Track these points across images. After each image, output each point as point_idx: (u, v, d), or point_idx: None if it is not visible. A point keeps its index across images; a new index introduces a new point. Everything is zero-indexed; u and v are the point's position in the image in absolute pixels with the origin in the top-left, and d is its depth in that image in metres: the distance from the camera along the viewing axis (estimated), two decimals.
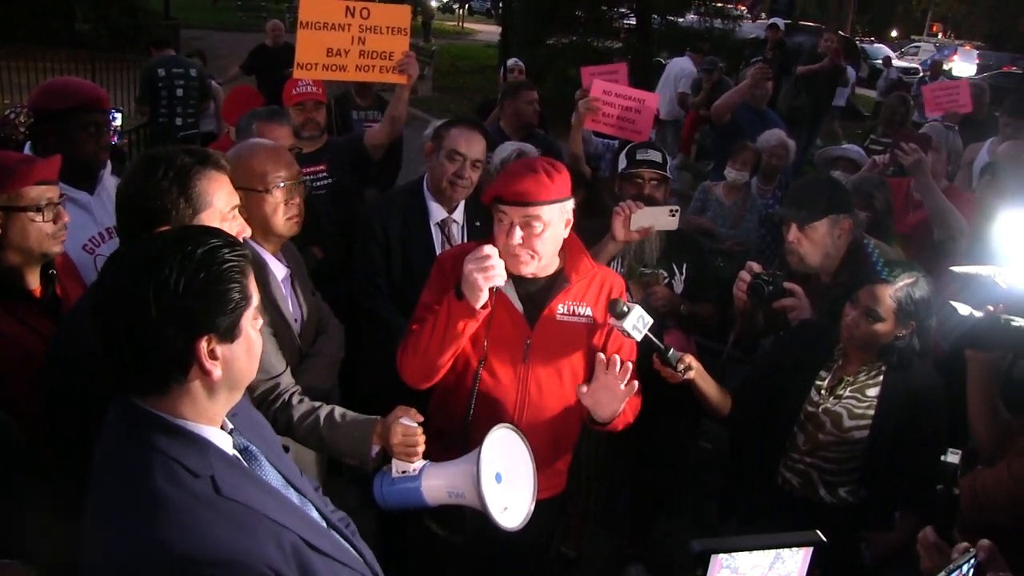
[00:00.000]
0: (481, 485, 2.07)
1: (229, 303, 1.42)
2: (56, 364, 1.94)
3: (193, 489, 1.37)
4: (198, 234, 1.46)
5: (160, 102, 7.25)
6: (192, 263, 1.38)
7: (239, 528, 1.37)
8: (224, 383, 1.46)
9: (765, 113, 6.39)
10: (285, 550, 1.42)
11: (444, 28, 33.59)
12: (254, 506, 1.42)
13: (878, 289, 2.60)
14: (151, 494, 1.34)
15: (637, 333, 2.39)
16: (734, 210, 5.23)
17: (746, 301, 3.05)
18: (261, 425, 1.77)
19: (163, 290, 1.35)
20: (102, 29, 18.24)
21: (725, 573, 1.67)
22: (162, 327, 1.36)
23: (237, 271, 1.44)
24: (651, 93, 4.26)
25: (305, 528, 1.53)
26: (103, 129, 3.02)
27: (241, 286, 1.44)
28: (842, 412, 2.70)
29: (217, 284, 1.40)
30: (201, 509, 1.35)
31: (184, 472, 1.38)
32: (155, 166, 1.96)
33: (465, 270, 2.28)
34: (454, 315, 2.32)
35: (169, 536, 1.30)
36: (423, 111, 14.59)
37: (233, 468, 1.48)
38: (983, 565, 1.76)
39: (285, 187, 2.53)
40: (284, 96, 4.44)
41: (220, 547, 1.32)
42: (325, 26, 3.87)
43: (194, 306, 1.38)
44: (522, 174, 2.35)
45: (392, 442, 2.24)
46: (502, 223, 2.38)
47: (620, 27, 17.30)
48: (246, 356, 1.50)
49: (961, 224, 3.91)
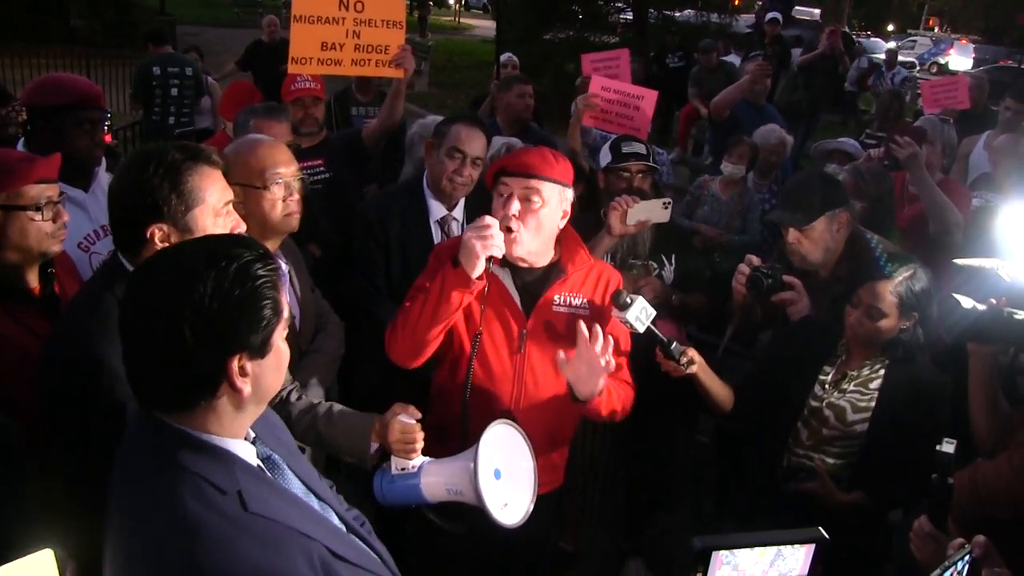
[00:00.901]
0: (479, 483, 2.07)
1: (263, 320, 1.39)
2: (53, 365, 1.93)
3: (222, 507, 1.34)
4: (229, 246, 1.41)
5: (154, 100, 7.21)
6: (227, 279, 1.34)
7: (268, 546, 1.34)
8: (252, 398, 1.44)
9: (764, 108, 6.38)
10: (315, 565, 1.40)
11: (440, 23, 33.54)
12: (280, 520, 1.40)
13: (878, 286, 2.60)
14: (182, 517, 1.31)
15: (640, 324, 2.39)
16: (730, 205, 5.22)
17: (745, 294, 3.05)
18: (279, 428, 1.75)
19: (198, 309, 1.32)
20: (97, 25, 18.20)
21: (726, 570, 1.67)
22: (196, 347, 1.32)
23: (270, 285, 1.40)
24: (649, 89, 4.24)
25: (329, 537, 1.51)
26: (98, 126, 3.01)
27: (274, 301, 1.41)
28: (846, 406, 2.70)
29: (252, 301, 1.37)
30: (231, 529, 1.32)
31: (212, 490, 1.35)
32: (146, 162, 1.95)
33: (464, 237, 2.27)
34: (448, 284, 2.29)
35: (203, 559, 1.27)
36: (419, 107, 14.56)
37: (259, 482, 1.45)
38: (979, 561, 1.76)
39: (283, 183, 2.52)
40: (283, 92, 4.43)
41: (251, 568, 1.30)
42: (319, 20, 3.86)
43: (228, 324, 1.35)
44: (529, 151, 2.42)
45: (390, 440, 2.23)
46: (502, 196, 2.39)
47: (616, 22, 17.29)
48: (275, 371, 1.47)
49: (956, 218, 3.91)
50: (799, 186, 3.20)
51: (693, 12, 17.08)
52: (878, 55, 16.67)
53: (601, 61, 4.99)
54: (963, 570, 1.75)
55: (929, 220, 3.97)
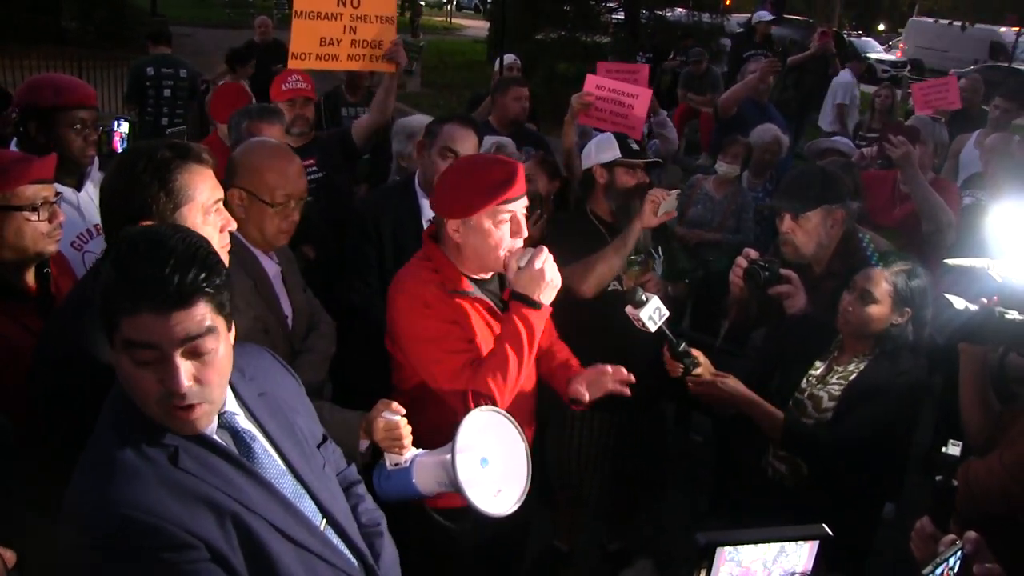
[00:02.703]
0: (457, 474, 2.02)
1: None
2: (45, 362, 1.92)
3: (148, 454, 1.46)
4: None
5: (147, 101, 7.18)
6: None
7: (178, 497, 1.44)
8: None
9: (767, 107, 6.37)
10: (227, 528, 1.48)
11: (432, 24, 33.49)
12: (210, 481, 1.49)
13: (874, 272, 2.64)
14: (106, 453, 1.46)
15: (652, 324, 2.42)
16: (724, 204, 5.22)
17: (742, 287, 3.07)
18: (293, 411, 1.81)
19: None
20: (89, 26, 18.12)
21: (729, 566, 1.67)
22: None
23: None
24: (644, 89, 4.26)
25: (281, 516, 1.58)
26: (90, 126, 2.99)
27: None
28: (823, 396, 2.72)
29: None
30: (148, 472, 1.44)
31: (144, 438, 1.47)
32: (136, 160, 1.95)
33: (540, 271, 2.30)
34: (536, 325, 2.34)
35: (105, 490, 1.41)
36: (411, 107, 14.53)
37: (204, 445, 1.53)
38: (970, 557, 1.76)
39: (290, 206, 2.54)
40: (273, 92, 4.42)
41: (147, 509, 1.40)
42: (319, 15, 3.89)
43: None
44: (506, 165, 2.37)
45: (376, 437, 2.23)
46: (508, 222, 2.35)
47: (608, 22, 17.31)
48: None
49: (948, 217, 3.93)
50: (799, 176, 3.23)
51: (684, 12, 17.12)
52: (869, 54, 16.63)
53: (618, 72, 4.97)
54: (955, 566, 1.76)
55: (922, 219, 3.99)
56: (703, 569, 1.65)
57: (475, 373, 2.33)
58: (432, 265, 2.43)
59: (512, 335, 2.33)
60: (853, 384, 2.68)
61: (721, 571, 1.66)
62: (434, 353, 2.37)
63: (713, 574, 1.65)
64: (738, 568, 1.68)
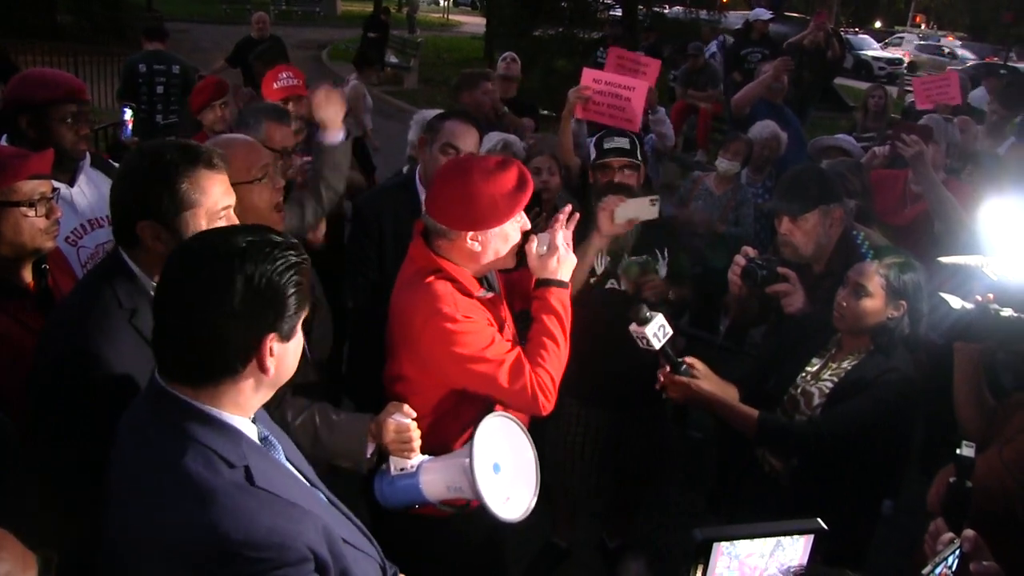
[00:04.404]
0: (476, 479, 2.03)
1: (296, 305, 1.47)
2: (46, 359, 1.91)
3: (230, 478, 1.41)
4: (267, 232, 1.50)
5: (140, 98, 7.14)
6: (272, 261, 1.43)
7: (278, 514, 1.41)
8: (272, 380, 1.51)
9: (781, 108, 6.31)
10: (320, 534, 1.47)
11: (429, 20, 33.51)
12: (283, 495, 1.46)
13: (866, 266, 2.65)
14: (190, 481, 1.37)
15: (656, 341, 2.43)
16: (724, 201, 5.21)
17: (740, 285, 3.07)
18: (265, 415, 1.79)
19: (248, 285, 1.40)
20: (84, 22, 18.09)
21: (726, 561, 1.67)
22: (238, 321, 1.41)
23: (304, 272, 1.49)
24: (641, 81, 4.23)
25: (329, 516, 1.57)
26: (81, 120, 2.97)
27: (305, 287, 1.50)
28: (814, 392, 2.72)
29: (289, 286, 1.45)
30: (242, 496, 1.39)
31: (220, 462, 1.41)
32: (143, 160, 1.94)
33: (565, 254, 2.37)
34: (567, 304, 2.38)
35: (219, 520, 1.34)
36: (409, 103, 14.52)
37: (264, 458, 1.52)
38: (968, 555, 1.76)
39: (269, 173, 2.53)
40: (265, 90, 4.38)
41: (267, 531, 1.37)
42: None
43: (267, 306, 1.43)
44: (512, 166, 2.33)
45: (386, 440, 2.22)
46: (523, 224, 2.38)
47: (605, 18, 17.29)
48: (294, 355, 1.55)
49: (961, 216, 3.90)
50: (796, 177, 3.21)
51: (682, 8, 17.11)
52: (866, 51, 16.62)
53: (630, 61, 4.91)
54: (953, 564, 1.76)
55: (935, 219, 3.97)
56: (700, 564, 1.65)
57: (533, 365, 2.30)
58: (443, 276, 2.31)
59: (553, 319, 2.35)
60: (843, 379, 2.68)
61: (718, 566, 1.66)
62: (489, 365, 2.25)
63: (710, 569, 1.65)
64: (735, 562, 1.68)
